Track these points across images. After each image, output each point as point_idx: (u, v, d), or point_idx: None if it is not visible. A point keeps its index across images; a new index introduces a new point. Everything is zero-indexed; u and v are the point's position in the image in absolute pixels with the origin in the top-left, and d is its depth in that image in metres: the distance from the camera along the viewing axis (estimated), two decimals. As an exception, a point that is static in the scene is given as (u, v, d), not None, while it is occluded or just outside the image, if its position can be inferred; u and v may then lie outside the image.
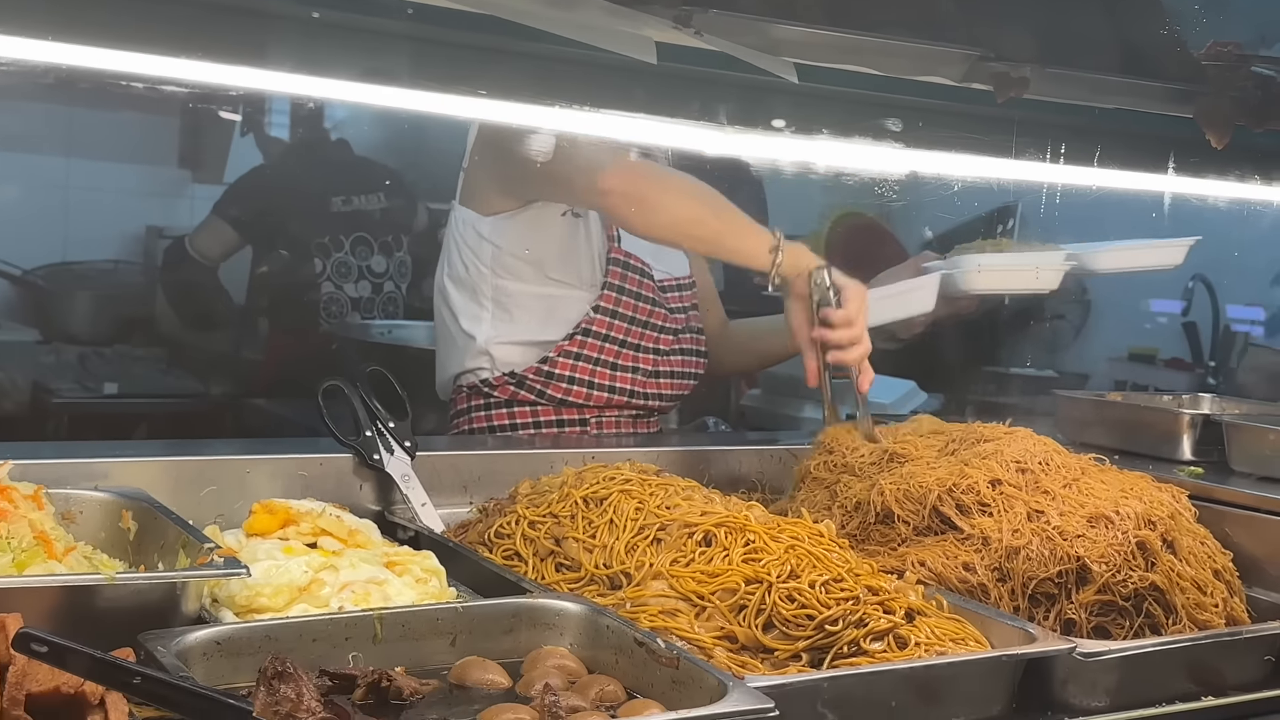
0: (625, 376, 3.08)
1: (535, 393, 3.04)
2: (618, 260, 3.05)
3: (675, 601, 1.89)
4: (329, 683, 1.61)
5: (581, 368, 3.04)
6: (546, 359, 3.03)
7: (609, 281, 3.04)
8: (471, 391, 3.10)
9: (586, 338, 3.04)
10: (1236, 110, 2.13)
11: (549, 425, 3.06)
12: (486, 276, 3.03)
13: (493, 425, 3.08)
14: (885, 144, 2.05)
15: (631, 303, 3.07)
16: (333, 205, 5.10)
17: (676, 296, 3.20)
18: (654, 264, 3.14)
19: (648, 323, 3.10)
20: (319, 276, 5.06)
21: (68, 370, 5.08)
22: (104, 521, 2.04)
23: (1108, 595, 2.07)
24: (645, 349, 3.11)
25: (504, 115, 1.86)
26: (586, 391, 3.05)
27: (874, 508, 2.28)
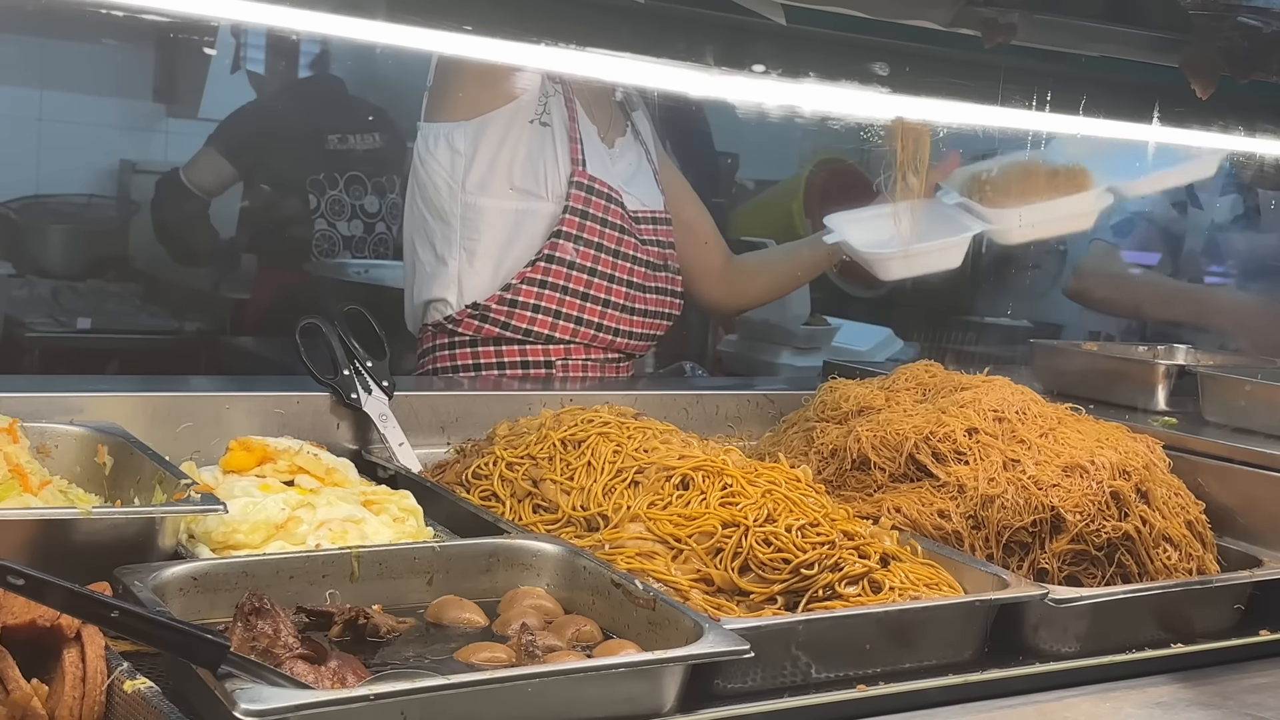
0: (595, 309, 3.04)
1: (500, 325, 3.00)
2: (580, 184, 3.00)
3: (652, 544, 1.90)
4: (306, 620, 1.61)
5: (547, 295, 3.00)
6: (509, 286, 2.98)
7: (571, 205, 2.99)
8: (436, 330, 3.08)
9: (551, 264, 2.98)
10: (1222, 60, 2.12)
11: (513, 366, 3.03)
12: (457, 194, 3.00)
13: (456, 365, 3.06)
14: (871, 88, 2.04)
15: (597, 229, 3.02)
16: (328, 143, 5.05)
17: (651, 229, 3.15)
18: (625, 190, 3.10)
19: (617, 251, 3.05)
20: (313, 213, 5.03)
21: (40, 304, 5.05)
22: (79, 456, 2.04)
23: (1081, 545, 2.08)
24: (619, 280, 3.06)
25: (489, 52, 1.83)
26: (552, 321, 3.00)
27: (850, 454, 2.29)
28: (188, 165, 5.06)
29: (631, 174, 3.16)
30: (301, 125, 5.11)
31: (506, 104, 2.99)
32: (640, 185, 3.16)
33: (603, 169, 3.05)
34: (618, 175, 3.09)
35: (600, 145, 3.09)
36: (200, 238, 5.20)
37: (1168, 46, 2.19)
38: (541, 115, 3.00)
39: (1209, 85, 2.15)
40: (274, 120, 5.17)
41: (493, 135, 2.98)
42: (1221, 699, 1.87)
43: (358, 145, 5.11)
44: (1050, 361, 3.00)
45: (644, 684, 1.53)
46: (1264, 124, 2.62)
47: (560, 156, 3.00)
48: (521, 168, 2.99)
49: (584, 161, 3.02)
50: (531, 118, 3.00)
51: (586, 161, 3.02)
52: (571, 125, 3.02)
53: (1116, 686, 1.89)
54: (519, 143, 2.99)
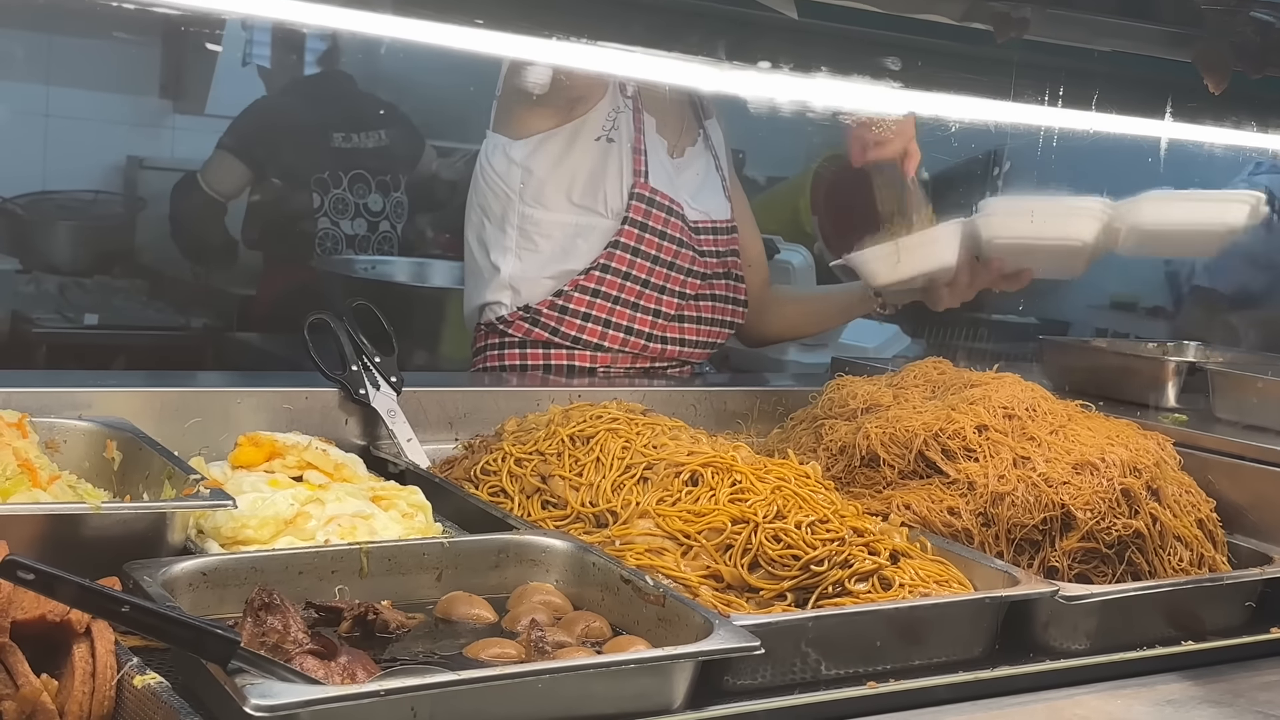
0: (645, 319, 3.02)
1: (549, 330, 2.99)
2: (642, 196, 2.99)
3: (662, 540, 1.89)
4: (315, 615, 1.61)
5: (599, 305, 2.99)
6: (561, 293, 2.98)
7: (631, 217, 2.98)
8: (488, 329, 3.08)
9: (605, 274, 2.98)
10: (1235, 56, 2.12)
11: (559, 370, 3.02)
12: (514, 204, 2.99)
13: (505, 365, 3.05)
14: (883, 83, 2.03)
15: (655, 241, 3.01)
16: (333, 141, 5.05)
17: (711, 240, 3.13)
18: (690, 202, 3.08)
19: (672, 264, 3.03)
20: (316, 212, 5.03)
21: (48, 300, 5.05)
22: (88, 451, 2.03)
23: (1091, 543, 2.07)
24: (670, 291, 3.05)
25: (501, 47, 1.83)
26: (601, 330, 2.99)
27: (859, 451, 2.28)
28: (204, 169, 5.05)
29: (699, 184, 3.14)
30: (308, 122, 5.10)
31: (567, 123, 2.97)
32: (706, 195, 3.15)
33: (666, 181, 3.04)
34: (683, 185, 3.08)
35: (666, 158, 3.08)
36: (219, 240, 5.20)
37: (1180, 41, 2.18)
38: (609, 132, 2.98)
39: (1222, 80, 2.14)
40: (281, 117, 5.16)
41: (552, 151, 2.97)
42: (1232, 697, 1.86)
43: (363, 143, 5.10)
44: (1060, 358, 2.99)
45: (654, 680, 1.53)
46: (1277, 120, 2.61)
47: (624, 171, 2.99)
48: (582, 185, 2.98)
49: (646, 174, 3.00)
50: (598, 135, 2.98)
51: (649, 174, 3.01)
52: (637, 138, 3.00)
53: (1127, 684, 1.88)
54: (581, 160, 2.97)
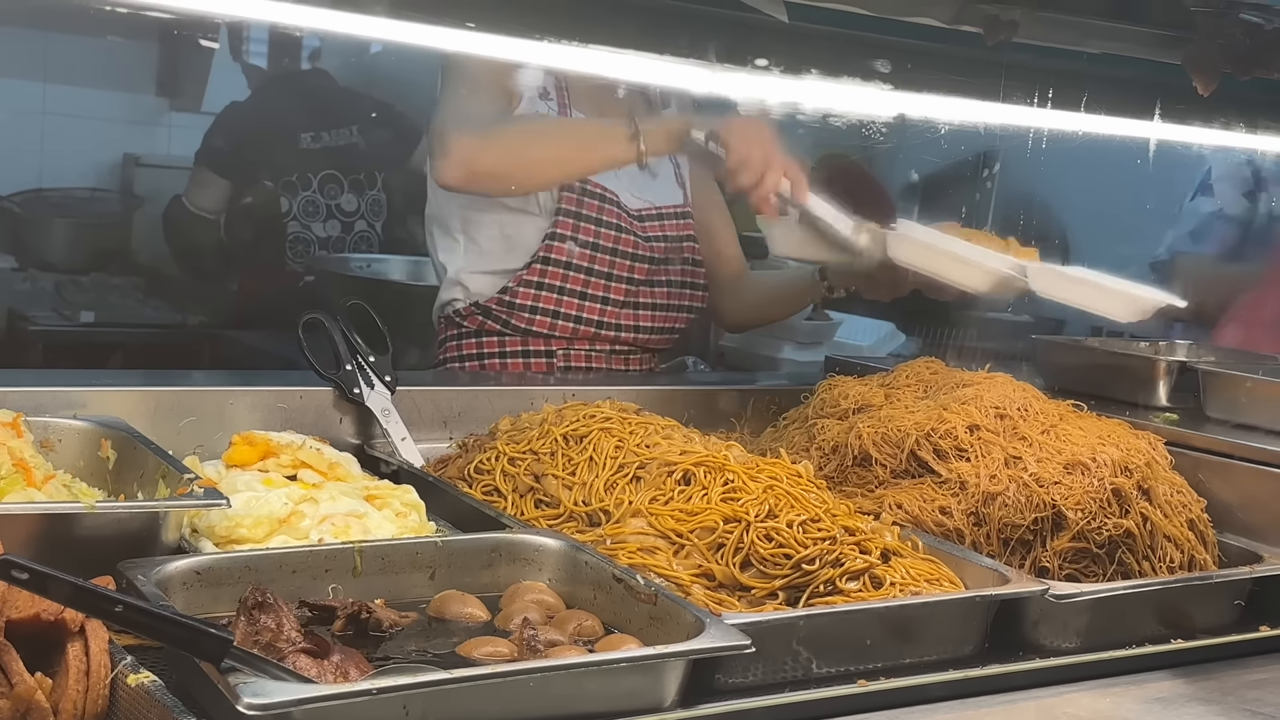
0: (594, 307, 3.07)
1: (501, 323, 3.06)
2: (572, 186, 3.02)
3: (654, 539, 1.90)
4: (309, 614, 1.62)
5: (545, 297, 3.04)
6: (506, 289, 3.04)
7: (563, 207, 3.02)
8: (447, 323, 3.16)
9: (547, 266, 3.02)
10: (1224, 57, 2.12)
11: (514, 355, 3.08)
12: (454, 208, 3.07)
13: (463, 355, 3.12)
14: (873, 85, 2.04)
15: (592, 228, 3.04)
16: (301, 142, 5.02)
17: (657, 226, 3.15)
18: (634, 191, 3.10)
19: (614, 249, 3.06)
20: (285, 216, 5.01)
21: (43, 298, 5.05)
22: (83, 450, 2.04)
23: (1082, 542, 2.08)
24: (617, 277, 3.08)
25: (493, 49, 1.84)
26: (551, 321, 3.04)
27: (851, 450, 2.29)
28: (188, 190, 5.04)
29: (647, 174, 3.12)
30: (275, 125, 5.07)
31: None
32: (653, 184, 3.16)
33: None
34: (623, 175, 3.08)
35: None
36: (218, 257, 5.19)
37: (1170, 43, 2.19)
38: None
39: (1211, 82, 2.15)
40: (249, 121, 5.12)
41: None
42: (1221, 694, 1.87)
43: (333, 142, 5.06)
44: (1052, 357, 2.99)
45: (645, 679, 1.54)
46: (1265, 121, 2.62)
47: None
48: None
49: None
50: None
51: None
52: None
53: (1117, 682, 1.89)
54: None
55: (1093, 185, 4.95)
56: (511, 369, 3.08)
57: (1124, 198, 4.62)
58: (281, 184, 5.01)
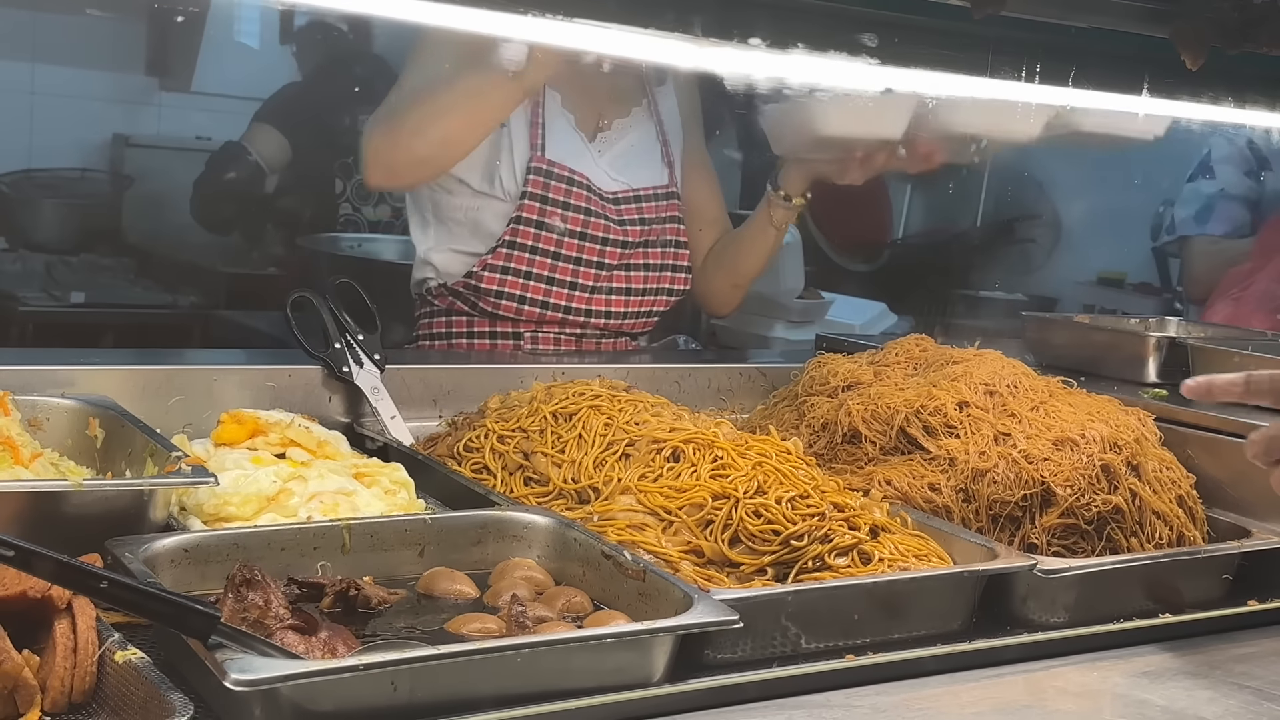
0: (560, 292, 3.04)
1: (469, 305, 3.06)
2: (539, 169, 2.99)
3: (643, 516, 1.90)
4: (297, 591, 1.62)
5: (511, 281, 3.01)
6: (472, 273, 3.03)
7: (529, 191, 2.98)
8: (420, 300, 3.17)
9: (513, 250, 3.00)
10: (1213, 31, 2.12)
11: (481, 337, 3.08)
12: (425, 190, 3.07)
13: (434, 334, 3.12)
14: (860, 60, 2.03)
15: (559, 213, 3.01)
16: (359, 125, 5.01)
17: (634, 209, 3.11)
18: (611, 173, 3.08)
19: (583, 234, 3.03)
20: (339, 198, 5.01)
21: (33, 278, 5.04)
22: (71, 429, 2.04)
23: (1071, 519, 2.09)
24: (586, 262, 3.04)
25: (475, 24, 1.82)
26: (516, 306, 3.03)
27: (841, 428, 2.30)
28: (248, 136, 5.01)
29: (628, 154, 3.12)
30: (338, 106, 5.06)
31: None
32: (635, 165, 3.13)
33: (571, 153, 3.03)
34: (603, 157, 3.07)
35: (573, 131, 3.06)
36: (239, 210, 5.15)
37: (1157, 18, 2.18)
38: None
39: (1199, 56, 2.14)
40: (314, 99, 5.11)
41: None
42: (1209, 668, 1.88)
43: None
44: (1042, 334, 3.00)
45: (634, 654, 1.54)
46: (1254, 95, 2.61)
47: (517, 149, 2.99)
48: (478, 172, 2.99)
49: (544, 147, 3.00)
50: None
51: (546, 147, 3.00)
52: (535, 112, 3.00)
53: (1104, 656, 1.90)
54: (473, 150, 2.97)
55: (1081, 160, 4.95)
56: (479, 350, 3.08)
57: (1112, 173, 4.63)
58: (337, 166, 5.00)
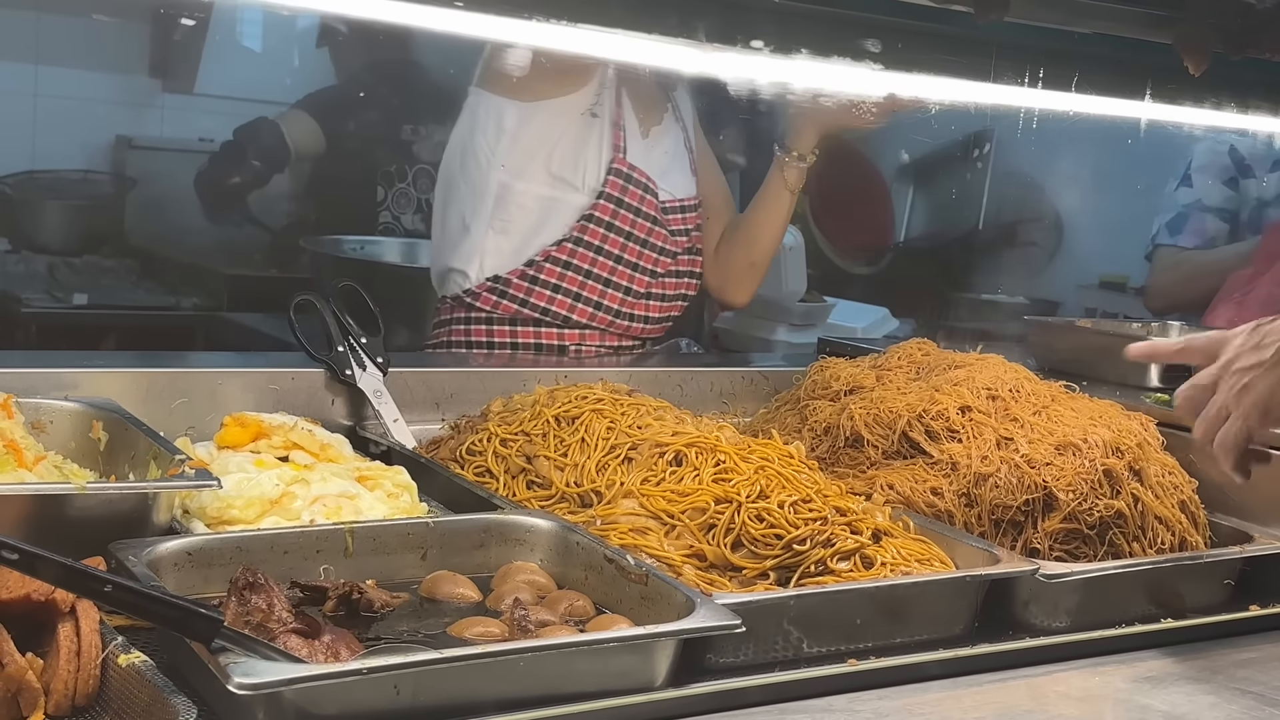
0: (615, 295, 3.04)
1: (518, 302, 3.00)
2: (620, 171, 3.00)
3: (645, 520, 1.91)
4: (300, 594, 1.62)
5: (569, 278, 3.00)
6: (533, 263, 2.99)
7: (607, 192, 2.99)
8: (455, 303, 3.08)
9: (578, 247, 2.99)
10: (1215, 37, 2.12)
11: (527, 347, 3.03)
12: (495, 171, 2.98)
13: (471, 341, 3.05)
14: (864, 65, 2.03)
15: (630, 217, 3.01)
16: (402, 133, 5.00)
17: (679, 219, 3.14)
18: (660, 183, 3.09)
19: (646, 241, 3.05)
20: (379, 205, 5.00)
21: (36, 280, 5.03)
22: (74, 431, 2.04)
23: (1073, 524, 2.09)
24: (642, 269, 3.06)
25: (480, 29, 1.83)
26: (570, 303, 3.01)
27: (843, 432, 2.30)
28: (284, 119, 4.98)
29: (668, 162, 3.14)
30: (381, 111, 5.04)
31: (565, 93, 2.98)
32: (675, 174, 3.15)
33: (641, 158, 3.04)
34: (654, 165, 3.08)
35: (639, 135, 3.08)
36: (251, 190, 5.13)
37: (1161, 23, 2.19)
38: (594, 107, 2.99)
39: (1202, 62, 2.15)
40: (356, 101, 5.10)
41: (543, 122, 2.97)
42: (1211, 673, 1.88)
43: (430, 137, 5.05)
44: (1044, 338, 3.00)
45: (636, 658, 1.54)
46: (1256, 101, 2.62)
47: (604, 146, 3.00)
48: (562, 157, 2.98)
49: (625, 149, 3.01)
50: (584, 109, 2.99)
51: (628, 150, 3.02)
52: (617, 113, 3.02)
53: (1106, 661, 1.90)
54: (565, 132, 2.98)
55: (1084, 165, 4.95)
56: (522, 358, 3.02)
57: (1115, 178, 4.63)
58: (380, 174, 4.99)
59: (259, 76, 5.46)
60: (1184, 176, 4.34)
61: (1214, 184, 4.26)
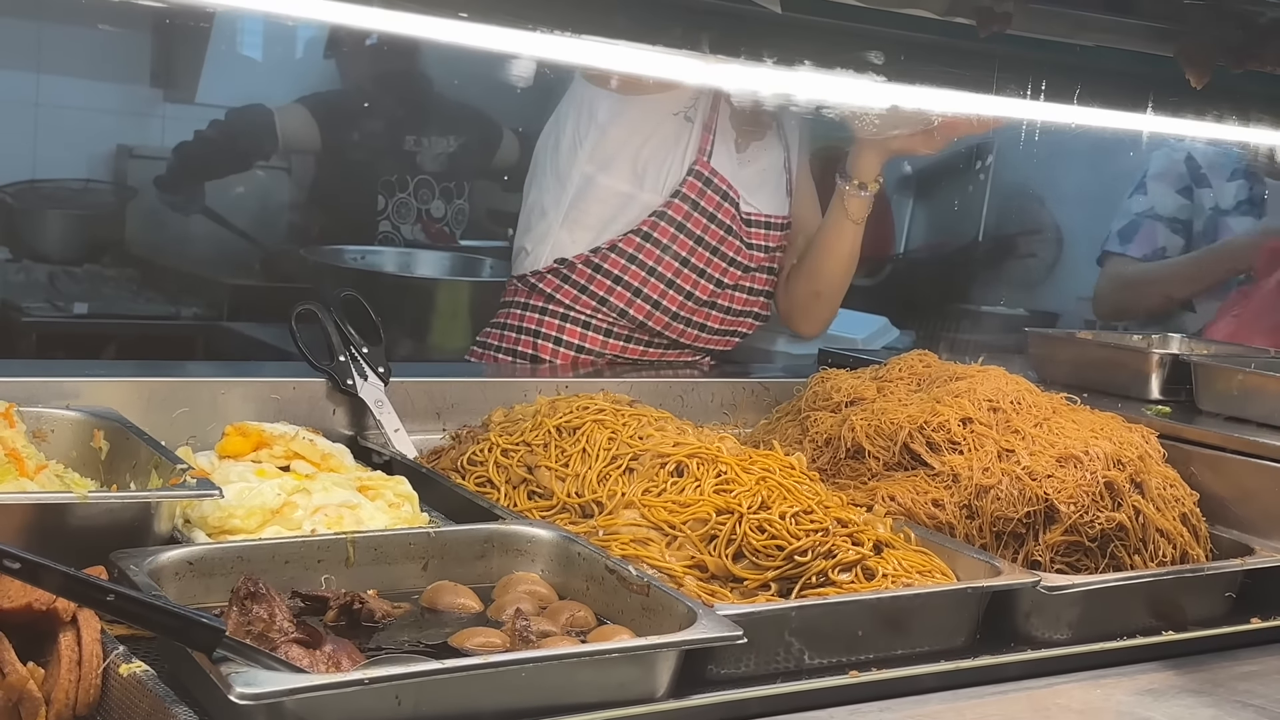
0: (675, 298, 3.01)
1: (578, 288, 2.99)
2: (700, 174, 2.99)
3: (646, 530, 1.90)
4: (301, 604, 1.62)
5: (633, 271, 2.98)
6: (598, 250, 2.98)
7: (683, 193, 2.98)
8: (520, 283, 3.09)
9: (645, 242, 2.98)
10: (1217, 50, 2.13)
11: (569, 346, 3.02)
12: (579, 161, 2.99)
13: (523, 327, 3.05)
14: (867, 77, 2.04)
15: (703, 222, 3.00)
16: (405, 144, 5.01)
17: (763, 234, 3.12)
18: (746, 194, 3.07)
19: (716, 249, 3.02)
20: (379, 215, 5.01)
21: (37, 289, 5.03)
22: (75, 441, 2.04)
23: (1074, 536, 2.09)
24: (708, 276, 3.03)
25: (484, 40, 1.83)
26: (630, 297, 2.98)
27: (844, 443, 2.30)
28: (279, 109, 4.98)
29: (762, 179, 3.12)
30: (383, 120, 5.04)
31: (661, 92, 2.98)
32: (768, 191, 3.13)
33: (731, 168, 3.03)
34: (747, 179, 3.07)
35: (732, 147, 3.07)
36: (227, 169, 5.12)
37: (1163, 36, 2.19)
38: (688, 110, 3.00)
39: (1204, 75, 2.15)
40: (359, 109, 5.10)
41: (634, 117, 2.97)
42: (1212, 686, 1.88)
43: (432, 148, 5.06)
44: (1045, 350, 3.00)
45: (637, 669, 1.54)
46: (1259, 113, 2.62)
47: (689, 149, 3.00)
48: (649, 153, 2.98)
49: (711, 154, 3.01)
50: (678, 110, 2.99)
51: (713, 155, 3.01)
52: (711, 117, 3.01)
53: (1108, 673, 1.90)
54: (655, 131, 2.98)
55: (1083, 175, 4.95)
56: (562, 359, 3.02)
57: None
58: (380, 183, 5.00)
59: (260, 86, 5.47)
60: (1139, 183, 4.34)
61: (1168, 192, 4.26)
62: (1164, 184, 4.28)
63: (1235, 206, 4.23)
